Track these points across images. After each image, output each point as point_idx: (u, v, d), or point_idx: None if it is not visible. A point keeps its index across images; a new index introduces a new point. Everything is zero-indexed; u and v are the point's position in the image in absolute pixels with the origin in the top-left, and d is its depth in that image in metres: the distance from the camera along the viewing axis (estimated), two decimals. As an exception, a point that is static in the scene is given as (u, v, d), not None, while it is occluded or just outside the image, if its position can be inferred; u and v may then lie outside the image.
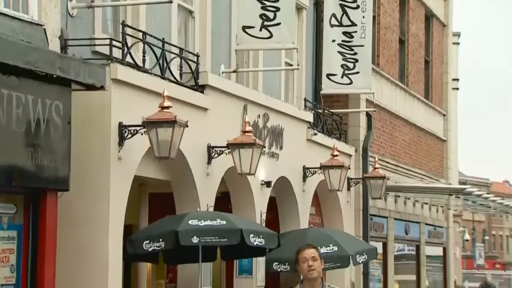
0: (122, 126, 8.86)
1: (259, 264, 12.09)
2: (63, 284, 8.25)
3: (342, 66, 15.24)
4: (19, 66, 6.99)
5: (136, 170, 9.32)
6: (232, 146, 10.53)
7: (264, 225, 11.93)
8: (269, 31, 11.59)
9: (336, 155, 13.60)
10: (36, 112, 7.41)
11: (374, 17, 16.77)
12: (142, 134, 8.85)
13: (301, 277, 6.54)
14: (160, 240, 9.31)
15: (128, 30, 9.34)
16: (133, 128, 8.86)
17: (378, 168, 15.05)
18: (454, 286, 23.49)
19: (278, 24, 11.57)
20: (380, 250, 16.96)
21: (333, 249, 11.84)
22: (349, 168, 14.37)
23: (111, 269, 8.70)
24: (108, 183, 8.75)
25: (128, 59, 9.20)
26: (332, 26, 14.98)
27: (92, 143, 8.74)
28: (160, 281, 13.63)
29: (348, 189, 15.64)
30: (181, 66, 10.39)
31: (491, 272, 37.12)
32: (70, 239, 8.55)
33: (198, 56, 10.83)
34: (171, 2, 9.48)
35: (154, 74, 9.67)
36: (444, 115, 22.61)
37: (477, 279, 34.31)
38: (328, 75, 15.35)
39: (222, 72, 12.04)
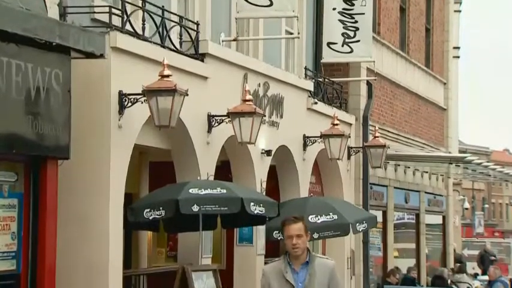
0: (121, 95, 8.84)
1: (259, 232, 12.12)
2: (64, 251, 8.28)
3: (342, 34, 15.18)
4: (18, 33, 6.95)
5: (137, 138, 9.31)
6: (232, 115, 10.51)
7: (264, 193, 11.95)
8: (269, -1, 11.54)
9: (336, 124, 13.58)
10: (35, 80, 7.38)
11: (375, -15, 16.67)
12: (142, 102, 8.83)
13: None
14: (161, 208, 9.33)
15: (127, -2, 9.28)
16: (133, 97, 8.84)
17: (378, 137, 15.04)
18: (453, 254, 23.57)
19: (278, -9, 11.50)
20: (380, 219, 17.01)
21: (332, 217, 11.87)
22: (349, 137, 14.37)
23: (112, 237, 8.73)
24: (109, 151, 8.74)
25: (128, 27, 9.15)
26: (333, -7, 14.93)
27: (92, 112, 8.72)
28: (161, 249, 13.70)
29: (348, 158, 15.65)
30: (181, 35, 10.34)
31: (490, 240, 37.24)
32: (71, 208, 8.56)
33: (198, 25, 10.78)
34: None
35: (154, 43, 9.63)
36: (445, 84, 22.56)
37: (476, 247, 34.43)
38: (328, 44, 15.29)
39: (222, 41, 11.98)
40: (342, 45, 15.22)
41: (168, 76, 8.75)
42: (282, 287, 6.44)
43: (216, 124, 10.80)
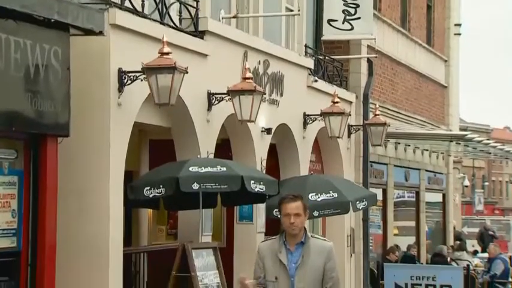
0: (121, 72, 8.81)
1: (259, 210, 12.13)
2: (65, 229, 8.28)
3: (343, 11, 15.11)
4: (16, 10, 6.90)
5: (136, 116, 9.29)
6: (232, 93, 10.47)
7: (264, 172, 11.94)
8: (269, -24, 11.47)
9: (337, 102, 13.55)
10: (34, 57, 7.34)
11: (376, -39, 16.57)
12: (142, 80, 8.80)
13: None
14: (161, 186, 9.33)
15: (127, -25, 9.22)
16: (133, 74, 8.80)
17: (378, 114, 15.01)
18: (453, 232, 23.61)
19: (279, -32, 11.43)
20: (380, 197, 17.02)
21: (332, 195, 11.86)
22: (350, 115, 14.33)
23: (112, 215, 8.73)
24: (108, 129, 8.72)
25: (127, 3, 9.10)
26: (333, -30, 14.84)
27: (92, 89, 8.70)
28: (161, 227, 13.71)
29: (349, 136, 15.63)
30: (180, 12, 10.29)
31: (490, 218, 37.35)
32: (71, 185, 8.56)
33: (197, 1, 10.71)
34: None
35: (154, 20, 9.57)
36: (446, 61, 22.48)
37: (476, 224, 34.52)
38: (329, 21, 15.22)
39: (222, 18, 11.91)
40: (343, 23, 15.16)
41: (167, 53, 8.72)
42: (275, 266, 6.25)
43: (216, 102, 10.77)
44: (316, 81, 14.31)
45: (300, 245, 6.24)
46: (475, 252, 24.81)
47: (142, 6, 9.43)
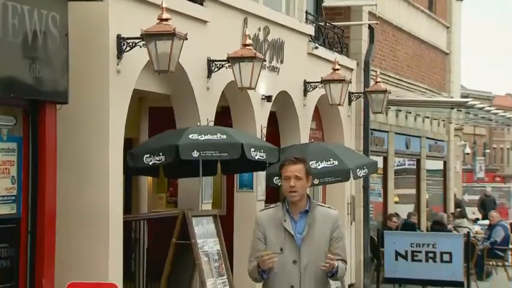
0: (120, 39, 8.74)
1: (259, 178, 12.12)
2: (64, 196, 8.28)
3: (344, -23, 14.99)
4: (13, -26, 6.85)
5: (136, 83, 9.24)
6: (232, 60, 10.41)
7: (264, 139, 11.91)
8: None
9: (337, 69, 13.48)
10: (32, 23, 7.28)
11: None
12: (141, 46, 8.73)
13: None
14: (161, 154, 9.30)
15: None
16: (132, 41, 8.74)
17: (379, 82, 14.95)
18: (453, 199, 23.65)
19: None
20: (380, 164, 17.01)
21: (333, 163, 11.84)
22: (351, 83, 14.27)
23: (112, 182, 8.72)
24: (108, 96, 8.68)
25: (126, -31, 9.00)
26: None
27: (90, 56, 8.64)
28: (161, 195, 13.73)
29: (349, 103, 15.58)
30: (180, -22, 10.19)
31: (491, 185, 37.38)
32: (70, 153, 8.55)
33: (197, -33, 10.62)
34: None
35: (153, -14, 9.48)
36: (448, 27, 22.34)
37: (477, 192, 34.57)
38: (330, -13, 15.11)
39: (222, -16, 11.81)
40: (344, -11, 15.04)
41: (167, 20, 8.65)
42: (280, 237, 5.72)
43: (216, 69, 10.71)
44: (316, 48, 14.22)
45: (304, 213, 5.78)
46: (475, 220, 24.86)
47: (141, -29, 9.33)
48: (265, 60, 11.39)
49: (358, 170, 12.17)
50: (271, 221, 5.77)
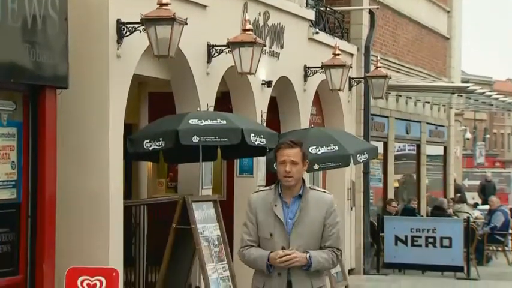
0: (119, 24, 8.72)
1: (259, 163, 12.12)
2: (64, 182, 8.28)
3: (344, -38, 14.93)
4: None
5: (136, 68, 9.22)
6: (232, 45, 10.39)
7: (264, 125, 11.90)
8: None
9: (338, 54, 13.45)
10: (31, 7, 7.25)
11: None
12: (141, 31, 8.71)
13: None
14: (161, 139, 9.29)
15: None
16: (132, 26, 8.72)
17: (379, 67, 14.92)
18: (453, 184, 23.65)
19: None
20: (380, 150, 17.01)
21: (333, 148, 11.84)
22: (351, 68, 14.25)
23: (112, 168, 8.72)
24: (107, 81, 8.67)
25: (125, -46, 8.97)
26: None
27: (90, 41, 8.61)
28: (161, 180, 13.74)
29: (349, 88, 15.56)
30: (180, -38, 10.15)
31: (491, 170, 37.38)
32: (70, 138, 8.54)
33: (197, -48, 10.57)
34: None
35: (153, -30, 9.44)
36: (448, 12, 22.27)
37: (477, 177, 34.58)
38: (330, -28, 15.05)
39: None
40: (344, -27, 14.99)
41: (166, 4, 8.62)
42: (269, 221, 5.49)
43: (216, 54, 10.69)
44: (317, 33, 14.18)
45: (297, 198, 5.54)
46: (475, 205, 24.88)
47: (141, -44, 9.29)
48: (265, 45, 11.36)
49: (358, 155, 12.16)
50: (263, 205, 5.56)
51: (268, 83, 12.40)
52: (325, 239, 5.55)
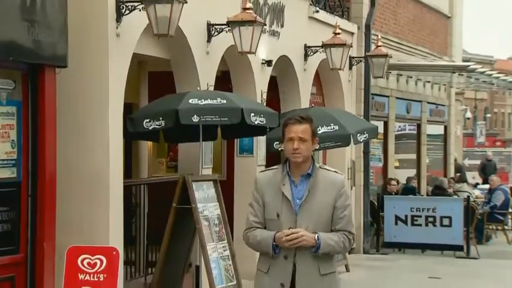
0: (119, 2, 8.67)
1: (259, 143, 12.11)
2: (65, 161, 8.28)
3: None
4: None
5: (135, 47, 9.19)
6: (232, 24, 10.34)
7: (264, 104, 11.88)
8: None
9: (338, 33, 13.40)
10: (30, -15, 7.22)
11: None
12: (140, 10, 8.67)
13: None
14: (161, 118, 9.27)
15: None
16: (131, 4, 8.67)
17: (380, 46, 14.87)
18: (454, 164, 23.66)
19: None
20: (381, 129, 16.99)
21: (333, 128, 11.82)
22: (351, 47, 14.20)
23: (112, 147, 8.71)
24: (107, 60, 8.64)
25: None
26: None
27: (89, 20, 8.58)
28: (161, 160, 13.73)
29: (350, 68, 15.52)
30: None
31: (491, 150, 37.34)
32: (70, 118, 8.52)
33: None
34: None
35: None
36: (449, -10, 22.19)
37: (477, 156, 34.57)
38: (330, -50, 14.96)
39: None
40: (345, -49, 14.90)
41: (166, -17, 8.57)
42: (277, 201, 5.21)
43: (216, 33, 10.64)
44: (317, 11, 14.13)
45: (306, 177, 5.25)
46: (475, 185, 24.89)
47: None
48: (265, 24, 11.32)
49: (358, 134, 12.15)
50: (270, 184, 5.27)
51: (269, 62, 12.36)
52: (336, 221, 5.26)
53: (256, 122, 9.74)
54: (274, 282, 5.22)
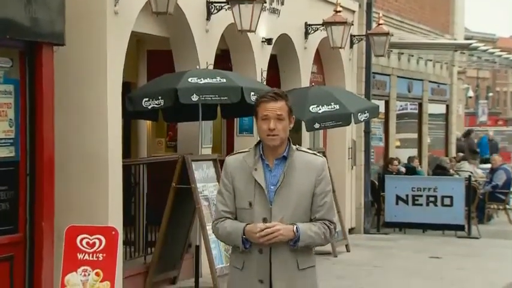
0: (117, -21, 8.60)
1: (260, 122, 12.02)
2: (63, 141, 8.25)
3: None
4: None
5: (134, 25, 9.12)
6: (232, 2, 10.26)
7: (264, 83, 11.81)
8: None
9: (339, 11, 13.30)
10: (27, -38, 7.14)
11: None
12: (138, -12, 8.60)
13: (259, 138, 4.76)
14: (160, 97, 9.21)
15: None
16: (129, -18, 8.60)
17: (381, 24, 14.77)
18: (455, 143, 23.58)
19: None
20: (382, 108, 16.91)
21: (334, 107, 11.76)
22: (352, 25, 14.10)
23: (111, 127, 8.65)
24: (105, 38, 8.57)
25: None
26: None
27: (87, -3, 8.51)
28: (160, 139, 13.68)
29: (351, 46, 15.41)
30: None
31: (493, 129, 37.26)
32: (68, 97, 8.47)
33: None
34: None
35: None
36: (451, -33, 22.03)
37: (479, 136, 34.47)
38: None
39: None
40: None
41: (164, -40, 8.49)
42: (249, 189, 4.61)
43: (215, 11, 10.55)
44: (318, -11, 14.02)
45: (281, 160, 4.66)
46: (474, 152, 24.70)
47: None
48: (265, 2, 11.20)
49: (359, 114, 12.08)
50: (241, 169, 4.66)
51: (269, 41, 12.27)
52: (315, 210, 4.64)
53: (256, 101, 9.66)
54: (251, 280, 4.63)
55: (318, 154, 4.78)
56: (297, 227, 4.59)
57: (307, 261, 4.70)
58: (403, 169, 17.40)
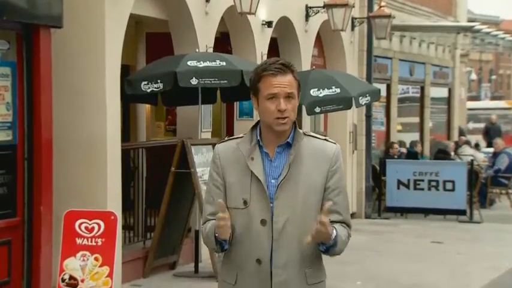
0: (115, -39, 8.50)
1: (260, 106, 11.94)
2: (61, 125, 8.19)
3: None
4: None
5: (132, 7, 9.03)
6: (232, -16, 10.17)
7: (265, 66, 11.70)
8: None
9: (340, -7, 13.20)
10: None
11: None
12: (136, -31, 8.51)
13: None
14: (159, 81, 9.14)
15: None
16: (127, -37, 8.50)
17: (383, 6, 14.68)
18: (458, 128, 23.49)
19: None
20: (383, 92, 16.83)
21: (335, 91, 11.67)
22: (354, 7, 13.99)
23: (109, 110, 8.58)
24: (103, 20, 8.48)
25: None
26: None
27: (84, -21, 8.42)
28: (159, 123, 13.61)
29: (352, 29, 15.31)
30: None
31: (496, 112, 37.14)
32: (66, 81, 8.40)
33: None
34: None
35: None
36: None
37: (482, 120, 34.39)
38: None
39: None
40: None
41: None
42: (244, 183, 3.59)
43: (215, -7, 10.47)
44: (319, -28, 13.90)
45: (285, 147, 3.65)
46: (476, 146, 24.66)
47: None
48: (265, -15, 11.14)
49: (360, 97, 11.99)
50: (234, 159, 3.65)
51: (269, 24, 12.18)
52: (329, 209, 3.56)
53: (256, 85, 9.58)
54: None
55: (330, 140, 3.74)
56: (334, 228, 3.60)
57: (317, 275, 3.73)
58: (403, 149, 17.32)
